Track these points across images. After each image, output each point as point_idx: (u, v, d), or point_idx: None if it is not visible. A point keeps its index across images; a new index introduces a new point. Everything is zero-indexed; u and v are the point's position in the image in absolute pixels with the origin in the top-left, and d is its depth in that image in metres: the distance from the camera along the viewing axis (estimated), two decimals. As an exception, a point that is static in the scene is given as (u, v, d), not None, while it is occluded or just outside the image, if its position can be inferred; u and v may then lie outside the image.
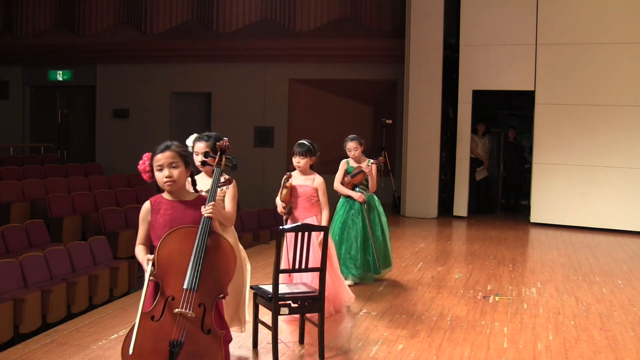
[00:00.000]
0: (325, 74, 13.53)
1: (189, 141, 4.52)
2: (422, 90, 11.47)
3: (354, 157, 6.54)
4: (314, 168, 5.60)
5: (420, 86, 11.49)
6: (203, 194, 3.48)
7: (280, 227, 4.47)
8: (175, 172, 3.24)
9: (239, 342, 4.80)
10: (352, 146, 6.57)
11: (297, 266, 4.46)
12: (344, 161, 6.62)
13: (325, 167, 15.02)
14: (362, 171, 6.42)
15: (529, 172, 11.64)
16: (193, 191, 3.46)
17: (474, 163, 11.94)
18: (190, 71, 14.27)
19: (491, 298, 6.19)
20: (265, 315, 4.67)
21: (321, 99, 13.68)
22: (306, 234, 4.44)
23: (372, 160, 6.47)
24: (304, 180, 5.46)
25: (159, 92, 14.49)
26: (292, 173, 5.52)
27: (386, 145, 11.95)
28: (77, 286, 7.57)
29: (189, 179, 3.42)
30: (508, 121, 13.67)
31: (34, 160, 13.21)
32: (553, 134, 10.79)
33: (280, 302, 4.34)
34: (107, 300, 7.86)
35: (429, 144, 11.50)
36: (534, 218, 10.97)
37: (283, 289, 4.50)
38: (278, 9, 13.90)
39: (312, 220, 5.26)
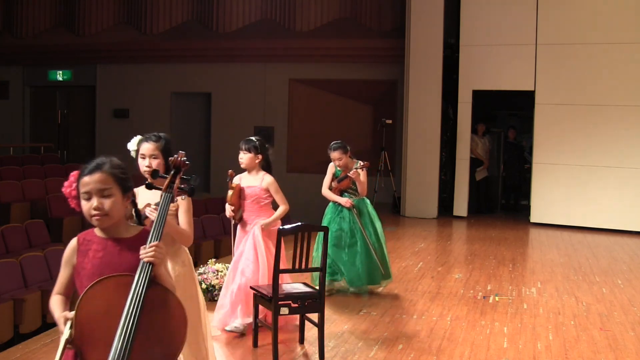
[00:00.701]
0: (325, 74, 13.53)
1: (132, 144, 3.79)
2: (422, 90, 11.47)
3: (339, 166, 6.16)
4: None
5: (420, 86, 11.49)
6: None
7: (280, 227, 4.47)
8: (107, 203, 2.38)
9: (239, 342, 4.81)
10: (335, 156, 6.12)
11: (297, 266, 4.46)
12: (331, 165, 6.26)
13: (325, 167, 15.01)
14: (348, 176, 6.06)
15: (529, 172, 11.64)
16: (136, 224, 2.59)
17: (474, 163, 11.94)
18: (190, 71, 14.27)
19: (491, 298, 6.19)
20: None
21: (321, 99, 13.68)
22: (306, 234, 4.44)
23: (359, 164, 5.99)
24: (252, 180, 5.03)
25: (159, 92, 14.48)
26: (241, 175, 5.08)
27: (386, 145, 11.96)
28: (77, 286, 7.55)
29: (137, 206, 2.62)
30: (508, 121, 13.67)
31: (34, 160, 13.20)
32: (553, 133, 10.79)
33: (280, 302, 4.34)
34: (107, 300, 7.85)
35: (429, 144, 11.50)
36: (534, 218, 10.97)
37: (283, 289, 4.50)
38: (278, 9, 13.89)
39: (255, 228, 4.92)
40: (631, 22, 10.28)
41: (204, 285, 5.77)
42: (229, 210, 4.97)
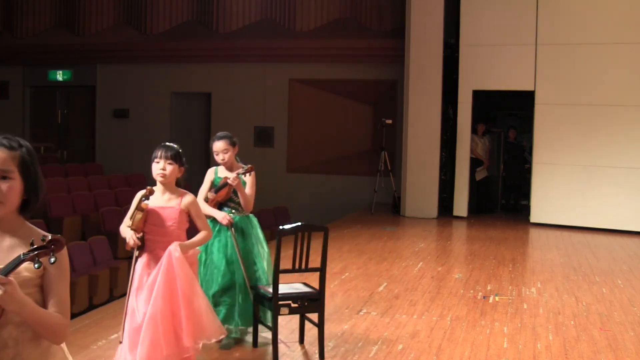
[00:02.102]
0: (325, 74, 13.52)
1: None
2: (422, 90, 11.47)
3: (223, 162, 4.75)
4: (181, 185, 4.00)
5: (420, 86, 11.49)
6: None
7: (280, 227, 4.47)
8: (4, 186, 1.83)
9: (239, 342, 4.80)
10: (219, 147, 4.75)
11: (296, 266, 4.46)
12: (211, 169, 4.87)
13: (325, 167, 14.97)
14: (228, 184, 4.63)
15: (529, 172, 11.64)
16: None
17: (474, 163, 11.94)
18: (190, 71, 14.27)
19: (491, 298, 6.19)
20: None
21: (321, 99, 13.68)
22: (306, 234, 4.43)
23: (242, 168, 4.73)
24: (166, 199, 3.85)
25: (159, 92, 14.48)
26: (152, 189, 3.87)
27: (386, 145, 11.96)
28: (77, 286, 7.56)
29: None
30: (508, 121, 13.67)
31: (34, 160, 13.18)
32: (553, 133, 10.79)
33: (280, 302, 4.34)
34: (107, 300, 7.86)
35: (429, 144, 11.50)
36: (534, 218, 10.97)
37: (283, 289, 4.50)
38: (278, 9, 13.89)
39: (170, 254, 3.71)
40: (631, 22, 10.27)
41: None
42: (132, 237, 3.73)
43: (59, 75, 15.24)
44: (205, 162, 14.40)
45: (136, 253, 3.81)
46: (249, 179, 4.79)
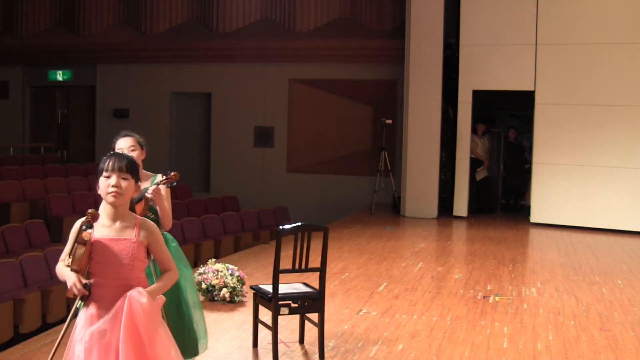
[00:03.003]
0: (325, 74, 13.53)
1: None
2: (422, 90, 11.47)
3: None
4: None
5: (420, 86, 11.49)
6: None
7: (280, 227, 4.47)
8: None
9: (239, 342, 4.81)
10: (125, 145, 3.93)
11: (296, 266, 4.46)
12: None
13: (325, 167, 14.95)
14: (145, 197, 3.68)
15: (529, 172, 11.64)
16: None
17: (474, 163, 11.94)
18: (190, 71, 14.27)
19: (491, 298, 6.19)
20: (266, 315, 4.68)
21: (321, 99, 13.68)
22: (306, 234, 4.43)
23: (159, 178, 3.82)
24: (119, 229, 2.81)
25: (159, 92, 14.49)
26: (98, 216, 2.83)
27: (386, 145, 11.96)
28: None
29: None
30: (508, 121, 13.67)
31: (34, 160, 13.20)
32: (553, 134, 10.79)
33: (280, 302, 4.34)
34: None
35: (429, 144, 11.50)
36: (534, 218, 10.97)
37: (283, 289, 4.50)
38: (278, 9, 13.89)
39: (134, 303, 2.72)
40: (631, 22, 10.27)
41: (204, 285, 5.78)
42: (75, 283, 2.67)
43: (59, 75, 15.24)
44: (206, 162, 14.42)
45: (77, 303, 2.73)
46: (163, 190, 3.74)
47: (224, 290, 5.74)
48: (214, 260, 6.23)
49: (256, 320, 4.64)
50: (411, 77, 11.57)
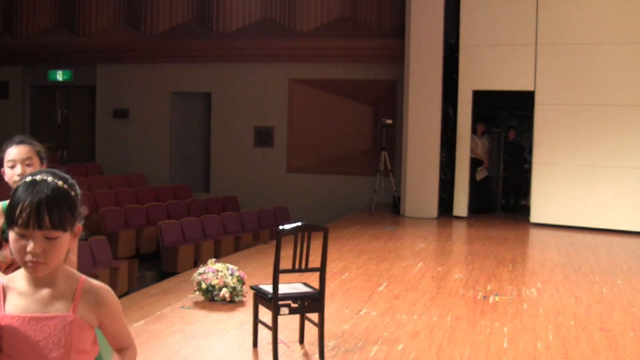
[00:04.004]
0: (325, 74, 13.53)
1: None
2: (422, 90, 11.47)
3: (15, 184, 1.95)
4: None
5: (420, 86, 11.49)
6: None
7: (280, 227, 4.46)
8: None
9: (239, 342, 4.81)
10: (18, 155, 2.98)
11: (296, 266, 4.46)
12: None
13: (325, 167, 14.95)
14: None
15: (529, 172, 11.64)
16: None
17: (474, 163, 11.94)
18: (190, 71, 14.27)
19: (491, 298, 6.19)
20: (266, 315, 4.68)
21: (321, 99, 13.68)
22: (306, 234, 4.43)
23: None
24: (47, 299, 1.74)
25: (159, 92, 14.49)
26: (12, 276, 1.78)
27: (386, 145, 11.97)
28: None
29: None
30: (508, 121, 13.68)
31: (34, 160, 13.18)
32: (553, 133, 10.79)
33: (280, 302, 4.34)
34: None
35: (429, 144, 11.50)
36: (534, 218, 10.97)
37: (283, 288, 4.50)
38: (278, 9, 13.90)
39: None
40: (631, 22, 10.28)
41: (204, 285, 5.77)
42: None
43: (59, 75, 15.24)
44: (206, 162, 14.42)
45: None
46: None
47: (224, 290, 5.74)
48: (214, 260, 6.22)
49: (256, 320, 4.64)
50: (411, 77, 11.57)
